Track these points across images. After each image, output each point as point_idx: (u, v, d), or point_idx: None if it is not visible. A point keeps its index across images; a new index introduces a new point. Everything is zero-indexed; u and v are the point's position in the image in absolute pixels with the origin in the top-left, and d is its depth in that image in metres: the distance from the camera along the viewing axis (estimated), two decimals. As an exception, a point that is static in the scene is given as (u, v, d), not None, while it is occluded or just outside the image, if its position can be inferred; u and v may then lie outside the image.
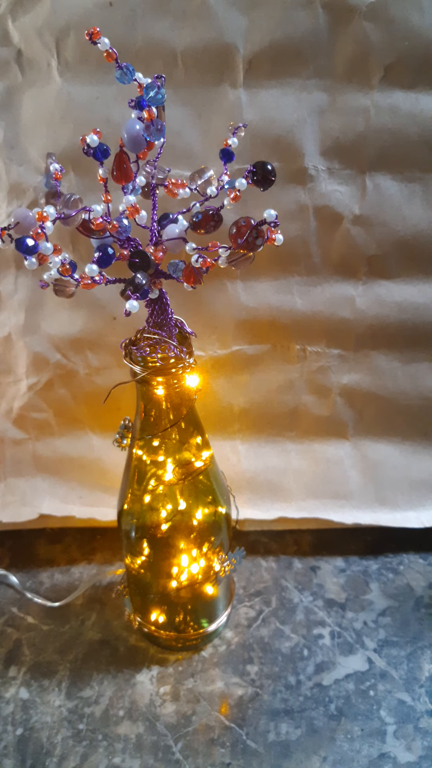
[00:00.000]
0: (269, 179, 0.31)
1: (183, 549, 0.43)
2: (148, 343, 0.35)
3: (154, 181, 0.33)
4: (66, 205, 0.30)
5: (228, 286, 0.48)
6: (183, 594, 0.44)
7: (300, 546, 0.57)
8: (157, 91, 0.30)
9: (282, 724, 0.43)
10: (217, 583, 0.44)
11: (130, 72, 0.29)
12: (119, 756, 0.42)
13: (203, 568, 0.43)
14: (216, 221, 0.31)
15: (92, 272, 0.31)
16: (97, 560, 0.56)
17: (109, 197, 0.31)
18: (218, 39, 0.40)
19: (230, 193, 0.31)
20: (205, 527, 0.43)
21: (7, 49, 0.42)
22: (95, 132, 0.30)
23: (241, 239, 0.31)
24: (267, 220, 0.30)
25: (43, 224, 0.29)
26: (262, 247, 0.31)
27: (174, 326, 0.35)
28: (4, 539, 0.57)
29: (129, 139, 0.30)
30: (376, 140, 0.43)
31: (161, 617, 0.46)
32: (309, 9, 0.40)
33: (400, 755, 0.41)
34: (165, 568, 0.43)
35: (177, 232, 0.33)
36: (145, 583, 0.45)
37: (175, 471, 0.40)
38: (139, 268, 0.31)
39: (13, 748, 0.42)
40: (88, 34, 0.28)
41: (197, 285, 0.33)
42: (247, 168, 0.31)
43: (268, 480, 0.55)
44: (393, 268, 0.48)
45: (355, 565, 0.55)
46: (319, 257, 0.48)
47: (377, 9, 0.39)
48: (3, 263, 0.48)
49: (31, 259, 0.29)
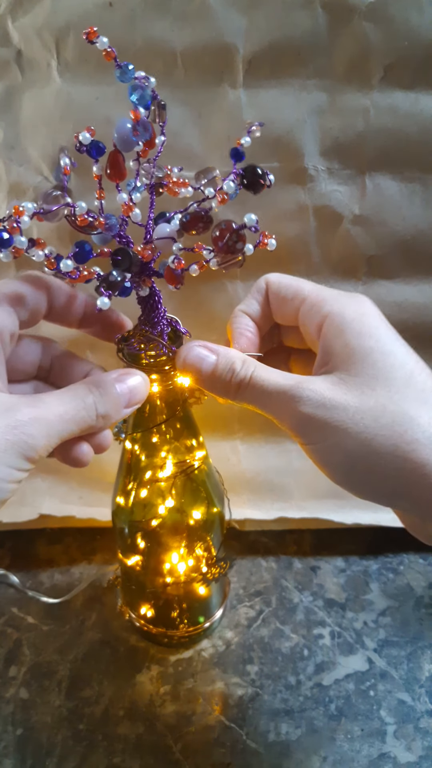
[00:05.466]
0: (259, 183, 0.30)
1: (172, 547, 0.43)
2: (139, 340, 0.35)
3: (153, 179, 0.33)
4: (46, 201, 0.30)
5: (228, 286, 0.48)
6: (171, 591, 0.44)
7: (300, 546, 0.57)
8: (142, 92, 0.30)
9: (282, 724, 0.43)
10: (206, 584, 0.45)
11: (129, 71, 0.30)
12: (119, 756, 0.42)
13: (191, 567, 0.43)
14: (205, 222, 0.31)
15: (66, 267, 0.30)
16: (97, 560, 0.56)
17: (102, 194, 0.32)
18: (218, 39, 0.40)
19: (218, 195, 0.31)
20: (196, 527, 0.43)
21: (7, 49, 0.42)
22: (88, 130, 0.30)
23: (221, 242, 0.31)
24: (247, 224, 0.30)
25: (18, 218, 0.29)
26: (249, 251, 0.31)
27: (167, 325, 0.35)
28: (4, 539, 0.57)
29: (119, 138, 0.30)
30: (375, 140, 0.43)
31: (150, 612, 0.46)
32: (309, 9, 0.40)
33: (400, 755, 0.41)
34: (154, 564, 0.44)
35: (167, 232, 0.33)
36: (135, 577, 0.45)
37: (166, 468, 0.40)
38: (121, 265, 0.31)
39: (13, 748, 0.42)
40: (86, 34, 0.29)
41: (178, 286, 0.32)
42: (237, 171, 0.31)
43: (268, 480, 0.55)
44: (393, 268, 0.48)
45: (355, 565, 0.55)
46: (319, 257, 0.48)
47: (377, 9, 0.39)
48: (3, 263, 0.48)
49: (6, 251, 0.29)
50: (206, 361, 0.32)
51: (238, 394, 0.31)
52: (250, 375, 0.30)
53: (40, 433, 0.26)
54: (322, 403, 0.28)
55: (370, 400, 0.28)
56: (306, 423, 0.28)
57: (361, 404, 0.28)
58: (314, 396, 0.28)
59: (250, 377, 0.30)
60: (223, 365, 0.31)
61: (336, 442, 0.28)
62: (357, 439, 0.27)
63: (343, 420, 0.27)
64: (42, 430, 0.27)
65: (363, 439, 0.27)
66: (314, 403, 0.28)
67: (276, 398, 0.29)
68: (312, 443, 0.29)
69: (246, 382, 0.30)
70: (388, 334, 0.30)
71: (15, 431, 0.26)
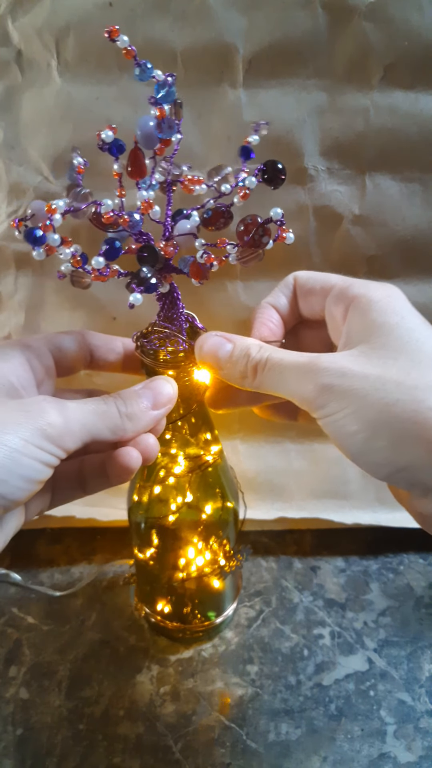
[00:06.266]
0: (279, 178, 0.31)
1: (189, 541, 0.43)
2: (158, 337, 0.35)
3: (170, 177, 0.33)
4: (76, 199, 0.31)
5: (228, 286, 0.48)
6: (189, 585, 0.45)
7: (300, 546, 0.57)
8: (168, 89, 0.30)
9: (282, 724, 0.43)
10: (223, 578, 0.45)
11: (148, 69, 0.30)
12: (119, 756, 0.42)
13: (208, 561, 0.44)
14: (226, 218, 0.32)
15: (98, 264, 0.31)
16: (97, 560, 0.56)
17: (123, 192, 0.32)
18: (218, 39, 0.40)
19: (240, 191, 0.31)
20: (212, 521, 0.43)
21: (7, 49, 0.42)
22: (110, 128, 0.30)
23: (247, 236, 0.31)
24: (273, 218, 0.31)
25: (51, 216, 0.29)
26: (269, 244, 0.32)
27: (185, 321, 0.35)
28: (4, 539, 0.57)
29: (142, 136, 0.30)
30: (375, 140, 0.43)
31: (167, 607, 0.46)
32: (308, 9, 0.40)
33: (400, 755, 0.41)
34: (171, 559, 0.44)
35: (188, 228, 0.33)
36: (153, 573, 0.45)
37: (183, 464, 0.40)
38: (147, 262, 0.32)
39: (13, 748, 0.42)
40: (108, 32, 0.29)
41: (204, 281, 0.33)
42: (258, 166, 0.31)
43: (268, 480, 0.55)
44: (393, 268, 0.48)
45: (355, 565, 0.55)
46: (319, 257, 0.48)
47: (377, 9, 0.39)
48: (3, 263, 0.48)
49: (39, 250, 0.30)
50: (223, 349, 0.32)
51: (255, 379, 0.31)
52: (266, 357, 0.30)
53: (65, 430, 0.28)
54: (343, 372, 0.28)
55: (392, 369, 0.28)
56: (326, 392, 0.28)
57: (383, 373, 0.28)
58: (334, 366, 0.28)
59: (267, 359, 0.30)
60: (240, 351, 0.32)
61: (355, 409, 0.27)
62: (377, 406, 0.27)
63: (363, 387, 0.27)
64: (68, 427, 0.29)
65: (383, 405, 0.27)
66: (334, 372, 0.28)
67: (295, 372, 0.29)
68: (330, 413, 0.28)
69: (263, 364, 0.30)
70: (414, 313, 0.31)
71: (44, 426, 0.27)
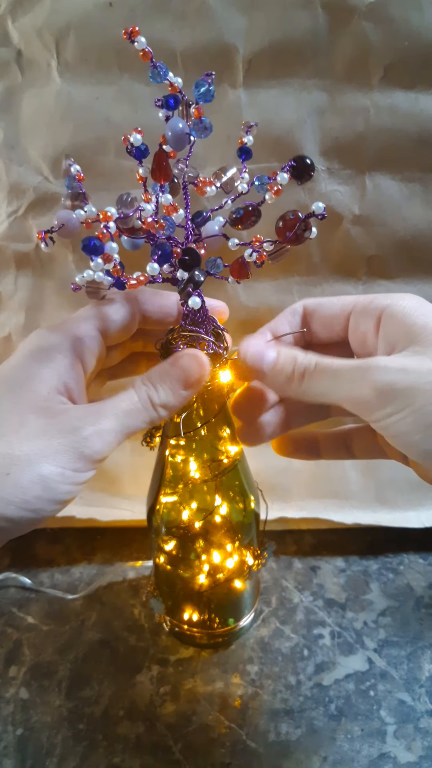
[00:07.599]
0: (308, 173, 0.31)
1: (216, 545, 0.43)
2: (184, 341, 0.35)
3: (186, 179, 0.33)
4: (124, 205, 0.31)
5: (228, 286, 0.48)
6: (216, 590, 0.44)
7: (300, 546, 0.57)
8: (208, 87, 0.30)
9: (282, 724, 0.43)
10: (249, 578, 0.45)
11: (163, 71, 0.29)
12: (119, 756, 0.42)
13: (237, 562, 0.43)
14: (257, 216, 0.32)
15: (153, 271, 0.31)
16: (97, 560, 0.56)
17: (149, 197, 0.32)
18: (218, 39, 0.40)
19: (271, 188, 0.32)
20: (238, 522, 0.43)
21: (7, 49, 0.42)
22: (137, 131, 0.30)
23: (289, 232, 0.31)
24: (316, 212, 0.31)
25: (107, 224, 0.29)
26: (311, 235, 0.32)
27: (210, 323, 0.35)
28: (4, 539, 0.57)
29: (173, 137, 0.30)
30: (375, 140, 0.43)
31: (195, 615, 0.46)
32: (309, 9, 0.40)
33: (401, 755, 0.41)
34: (198, 565, 0.43)
35: (216, 229, 0.33)
36: (179, 581, 0.45)
37: (207, 468, 0.40)
38: (190, 265, 0.32)
39: (13, 748, 0.42)
40: (127, 33, 0.28)
41: (245, 279, 0.33)
42: (288, 162, 0.32)
43: (268, 480, 0.55)
44: (393, 268, 0.48)
45: (355, 565, 0.55)
46: (319, 257, 0.48)
47: (377, 9, 0.39)
48: (3, 263, 0.48)
49: (98, 260, 0.30)
50: (269, 353, 0.32)
51: (302, 383, 0.31)
52: (315, 362, 0.30)
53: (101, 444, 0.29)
54: (403, 368, 0.27)
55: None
56: (387, 392, 0.27)
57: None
58: (393, 364, 0.28)
59: (315, 363, 0.30)
60: (285, 357, 0.31)
61: (420, 407, 0.27)
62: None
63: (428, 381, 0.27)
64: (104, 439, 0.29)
65: None
66: (394, 370, 0.27)
67: (348, 375, 0.29)
68: (392, 414, 0.28)
69: (311, 369, 0.30)
70: None
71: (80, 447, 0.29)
